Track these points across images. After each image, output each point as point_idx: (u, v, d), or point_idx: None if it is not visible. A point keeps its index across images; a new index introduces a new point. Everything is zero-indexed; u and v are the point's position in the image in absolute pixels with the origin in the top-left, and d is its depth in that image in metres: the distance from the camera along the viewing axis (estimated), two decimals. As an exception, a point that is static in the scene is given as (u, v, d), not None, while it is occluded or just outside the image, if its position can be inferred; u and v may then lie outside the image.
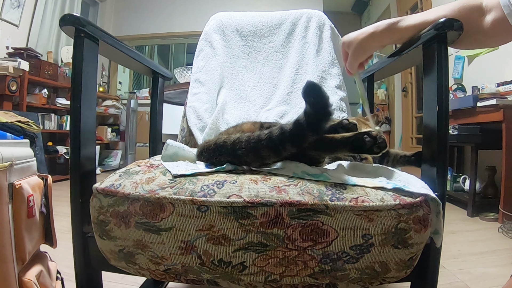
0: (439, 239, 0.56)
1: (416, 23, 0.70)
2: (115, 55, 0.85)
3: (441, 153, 0.60)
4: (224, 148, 0.59)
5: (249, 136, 0.55)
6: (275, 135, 0.53)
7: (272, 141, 0.53)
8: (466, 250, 1.57)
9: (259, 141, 0.54)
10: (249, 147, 0.55)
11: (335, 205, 0.48)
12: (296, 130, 0.51)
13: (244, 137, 0.56)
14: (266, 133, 0.53)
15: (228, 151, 0.58)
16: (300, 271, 0.51)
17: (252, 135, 0.55)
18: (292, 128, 0.52)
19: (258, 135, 0.54)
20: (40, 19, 3.74)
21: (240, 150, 0.56)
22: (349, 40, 0.79)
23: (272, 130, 0.53)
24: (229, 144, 0.58)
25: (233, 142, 0.57)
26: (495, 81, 2.38)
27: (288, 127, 0.52)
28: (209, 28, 1.28)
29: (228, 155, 0.58)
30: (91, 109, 0.66)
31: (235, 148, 0.57)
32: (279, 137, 0.52)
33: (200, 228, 0.49)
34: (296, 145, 0.53)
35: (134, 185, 0.54)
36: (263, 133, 0.54)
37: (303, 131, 0.51)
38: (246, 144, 0.55)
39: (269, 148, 0.53)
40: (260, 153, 0.55)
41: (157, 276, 0.56)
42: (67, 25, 0.63)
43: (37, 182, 0.77)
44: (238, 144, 0.56)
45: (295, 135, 0.52)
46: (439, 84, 0.61)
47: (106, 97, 4.84)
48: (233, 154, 0.57)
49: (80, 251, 0.62)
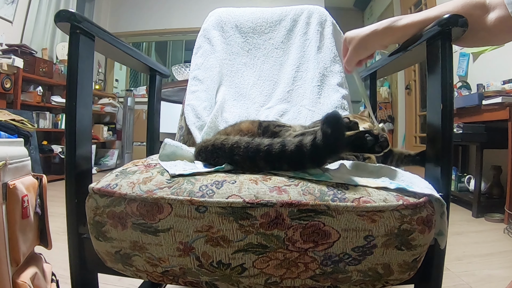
0: (444, 241, 0.56)
1: (417, 20, 0.70)
2: (112, 52, 0.85)
3: (445, 152, 0.60)
4: (221, 151, 0.59)
5: (248, 143, 0.55)
6: (274, 151, 0.53)
7: (270, 156, 0.53)
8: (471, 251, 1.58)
9: (258, 152, 0.54)
10: (247, 155, 0.55)
11: (337, 205, 0.48)
12: (296, 154, 0.52)
13: (243, 143, 0.56)
14: (266, 145, 0.54)
15: (226, 154, 0.58)
16: (301, 273, 0.51)
17: (251, 142, 0.55)
18: (293, 151, 0.52)
19: (258, 144, 0.54)
20: (34, 15, 3.74)
21: (238, 156, 0.56)
22: (351, 36, 0.80)
23: (273, 144, 0.53)
24: (227, 148, 0.58)
25: (231, 146, 0.57)
26: (501, 79, 2.39)
27: (290, 147, 0.52)
28: (208, 24, 1.28)
29: (225, 158, 0.58)
30: (87, 107, 0.66)
31: (232, 153, 0.57)
32: (278, 155, 0.53)
33: (199, 229, 0.49)
34: (293, 167, 0.53)
35: (131, 185, 0.54)
36: (263, 143, 0.54)
37: (303, 159, 0.52)
38: (244, 151, 0.55)
39: (266, 161, 0.54)
40: (256, 163, 0.55)
41: (155, 279, 0.56)
42: (62, 21, 0.62)
43: (31, 182, 0.77)
44: (236, 150, 0.56)
45: (294, 159, 0.52)
46: (444, 82, 0.61)
47: (102, 95, 4.84)
48: (230, 158, 0.58)
49: (75, 253, 0.62)
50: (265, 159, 0.54)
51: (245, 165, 0.56)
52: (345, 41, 0.82)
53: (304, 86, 1.17)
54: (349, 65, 0.83)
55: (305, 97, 1.15)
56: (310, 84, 1.15)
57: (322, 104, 1.12)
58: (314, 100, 1.13)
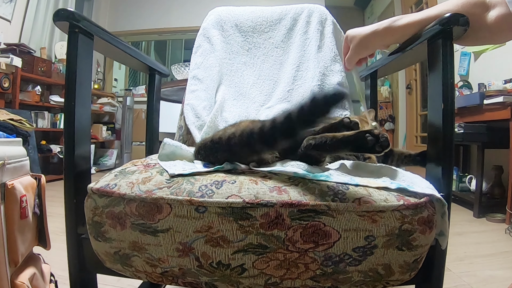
0: (445, 241, 0.56)
1: (417, 19, 0.70)
2: (111, 51, 0.84)
3: (446, 152, 0.60)
4: (219, 144, 0.59)
5: (243, 130, 0.55)
6: (266, 129, 0.52)
7: (264, 135, 0.52)
8: (472, 252, 1.58)
9: (252, 135, 0.54)
10: (243, 142, 0.55)
11: (337, 205, 0.48)
12: (286, 124, 0.50)
13: (238, 132, 0.56)
14: (259, 126, 0.53)
15: (224, 147, 0.58)
16: (301, 274, 0.51)
17: (245, 129, 0.55)
18: (283, 122, 0.51)
19: (252, 128, 0.54)
20: (33, 14, 3.74)
21: (235, 146, 0.56)
22: (352, 34, 0.80)
23: (265, 123, 0.53)
24: (224, 139, 0.58)
25: (228, 137, 0.57)
26: (502, 78, 2.38)
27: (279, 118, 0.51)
28: (208, 23, 1.28)
29: (224, 151, 0.58)
30: (85, 107, 0.66)
31: (230, 144, 0.57)
32: (270, 132, 0.52)
33: (198, 229, 0.49)
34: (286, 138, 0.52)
35: (130, 185, 0.54)
36: (256, 126, 0.54)
37: (294, 126, 0.50)
38: (240, 138, 0.55)
39: (261, 142, 0.53)
40: (254, 147, 0.54)
41: (154, 279, 0.56)
42: (61, 20, 0.62)
43: (30, 182, 0.77)
44: (233, 140, 0.56)
45: (285, 129, 0.51)
46: (445, 81, 0.61)
47: (101, 95, 4.84)
48: (228, 150, 0.58)
49: (74, 253, 0.62)
50: (260, 140, 0.53)
51: (243, 153, 0.56)
52: (346, 39, 0.83)
53: (304, 86, 1.17)
54: (350, 63, 0.83)
55: (305, 97, 1.15)
56: (311, 84, 1.15)
57: (323, 103, 1.12)
58: (315, 99, 1.13)
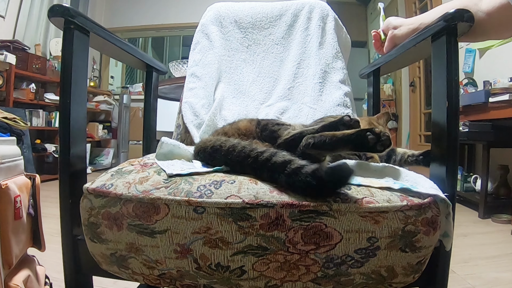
0: (449, 242, 0.56)
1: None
2: (107, 48, 0.84)
3: (451, 152, 0.60)
4: (218, 153, 0.61)
5: (243, 147, 0.57)
6: (260, 159, 0.54)
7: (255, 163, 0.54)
8: (477, 253, 1.58)
9: (246, 158, 0.55)
10: (237, 161, 0.57)
11: (339, 206, 0.48)
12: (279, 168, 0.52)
13: (239, 147, 0.58)
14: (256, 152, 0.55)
15: (222, 157, 0.60)
16: (302, 276, 0.51)
17: (245, 148, 0.57)
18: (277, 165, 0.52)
19: (250, 150, 0.56)
20: (27, 9, 3.73)
21: (231, 161, 0.58)
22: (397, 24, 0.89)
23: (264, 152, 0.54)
24: (224, 150, 0.60)
25: (228, 149, 0.59)
26: (508, 75, 2.38)
27: (277, 159, 0.52)
28: (206, 19, 1.28)
29: (221, 161, 0.60)
30: (81, 105, 0.66)
31: (227, 158, 0.59)
32: (262, 163, 0.53)
33: (197, 230, 0.49)
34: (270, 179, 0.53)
35: (126, 185, 0.54)
36: (255, 149, 0.55)
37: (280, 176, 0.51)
38: (236, 156, 0.57)
39: (251, 168, 0.55)
40: (244, 169, 0.56)
41: (151, 281, 0.56)
42: (56, 16, 0.62)
43: (24, 182, 0.77)
44: (231, 154, 0.58)
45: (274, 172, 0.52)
46: (449, 79, 0.61)
47: (97, 92, 4.84)
48: (225, 162, 0.59)
49: (69, 255, 0.62)
50: (251, 167, 0.55)
51: (236, 169, 0.58)
52: (390, 23, 0.91)
53: (305, 83, 1.17)
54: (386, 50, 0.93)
55: (306, 95, 1.15)
56: (312, 81, 1.15)
57: (324, 101, 1.12)
58: (316, 97, 1.13)
